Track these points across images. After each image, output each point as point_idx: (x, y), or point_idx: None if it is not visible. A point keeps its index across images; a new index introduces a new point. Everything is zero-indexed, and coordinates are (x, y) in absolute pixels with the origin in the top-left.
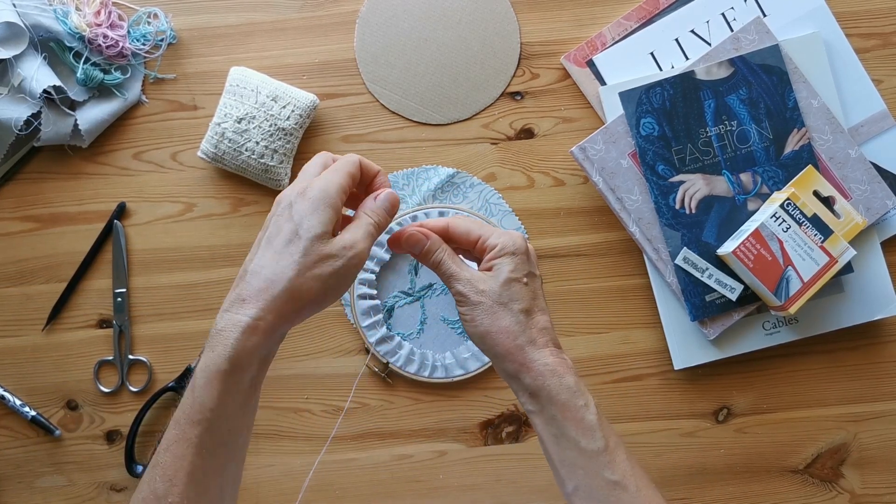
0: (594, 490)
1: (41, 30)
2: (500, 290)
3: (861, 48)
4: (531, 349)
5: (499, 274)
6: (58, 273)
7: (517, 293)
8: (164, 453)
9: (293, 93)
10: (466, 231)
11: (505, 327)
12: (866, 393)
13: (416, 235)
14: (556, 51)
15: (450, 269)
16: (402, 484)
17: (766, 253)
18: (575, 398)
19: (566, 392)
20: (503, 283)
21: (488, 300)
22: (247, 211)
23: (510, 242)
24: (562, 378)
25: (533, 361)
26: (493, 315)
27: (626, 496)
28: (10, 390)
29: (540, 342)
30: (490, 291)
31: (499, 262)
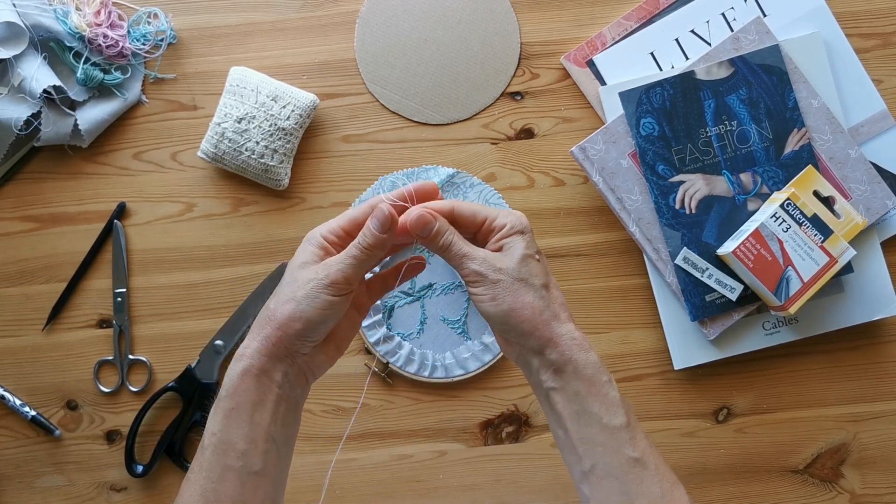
0: (613, 467)
1: (41, 30)
2: (518, 266)
3: (861, 48)
4: (556, 324)
5: (514, 251)
6: (58, 273)
7: (534, 269)
8: None
9: (293, 93)
10: (472, 213)
11: (529, 303)
12: (866, 393)
13: (425, 216)
14: (556, 51)
15: (462, 250)
16: (402, 484)
17: (766, 253)
18: (599, 374)
19: (592, 367)
20: (520, 260)
21: (508, 277)
22: (247, 211)
23: (518, 221)
24: (587, 353)
25: (560, 336)
26: (514, 292)
27: (646, 474)
28: (10, 390)
29: (563, 316)
30: (508, 269)
31: (510, 241)
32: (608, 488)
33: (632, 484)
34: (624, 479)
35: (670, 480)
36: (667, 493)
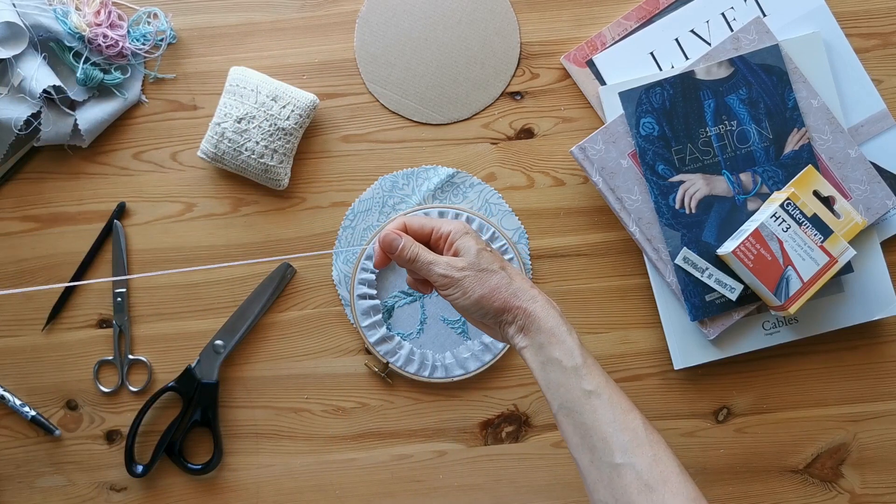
0: (572, 402)
1: (41, 30)
2: (476, 260)
3: (861, 48)
4: (522, 293)
5: (468, 250)
6: (58, 273)
7: (488, 258)
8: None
9: (293, 93)
10: (420, 226)
11: (495, 284)
12: (866, 393)
13: (391, 235)
14: (556, 51)
15: (427, 258)
16: (402, 484)
17: (765, 253)
18: (559, 326)
19: (552, 320)
20: (476, 254)
21: (471, 271)
22: (247, 211)
23: (460, 226)
24: (548, 310)
25: (525, 302)
26: (480, 281)
27: (600, 402)
28: (10, 390)
29: (524, 286)
30: (469, 265)
31: (460, 242)
32: (569, 422)
33: (587, 415)
34: (581, 411)
35: (623, 407)
36: (618, 418)
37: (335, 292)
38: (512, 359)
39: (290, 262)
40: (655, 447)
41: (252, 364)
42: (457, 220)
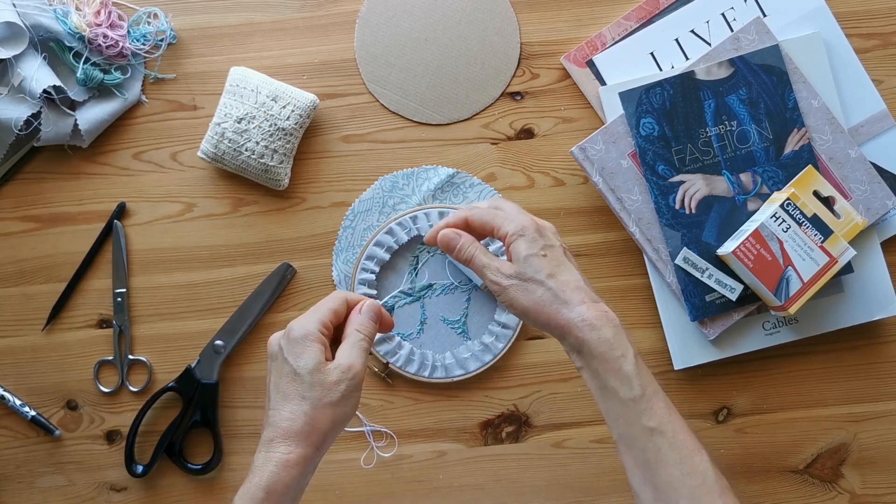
0: (634, 438)
1: (41, 30)
2: (522, 268)
3: (861, 48)
4: (566, 310)
5: (518, 256)
6: (58, 273)
7: (537, 265)
8: None
9: (293, 93)
10: (482, 224)
11: (538, 298)
12: (866, 393)
13: (449, 234)
14: (556, 51)
15: (481, 261)
16: (402, 484)
17: (766, 253)
18: (612, 350)
19: (604, 345)
20: (523, 262)
21: (517, 280)
22: (247, 211)
23: (518, 226)
24: (599, 331)
25: (571, 321)
26: (524, 292)
27: (664, 441)
28: (10, 390)
29: (574, 300)
30: (516, 273)
31: (514, 246)
32: (632, 458)
33: (650, 453)
34: (644, 448)
35: (689, 447)
36: (685, 460)
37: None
38: (512, 359)
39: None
40: (725, 496)
41: (252, 364)
42: (522, 216)
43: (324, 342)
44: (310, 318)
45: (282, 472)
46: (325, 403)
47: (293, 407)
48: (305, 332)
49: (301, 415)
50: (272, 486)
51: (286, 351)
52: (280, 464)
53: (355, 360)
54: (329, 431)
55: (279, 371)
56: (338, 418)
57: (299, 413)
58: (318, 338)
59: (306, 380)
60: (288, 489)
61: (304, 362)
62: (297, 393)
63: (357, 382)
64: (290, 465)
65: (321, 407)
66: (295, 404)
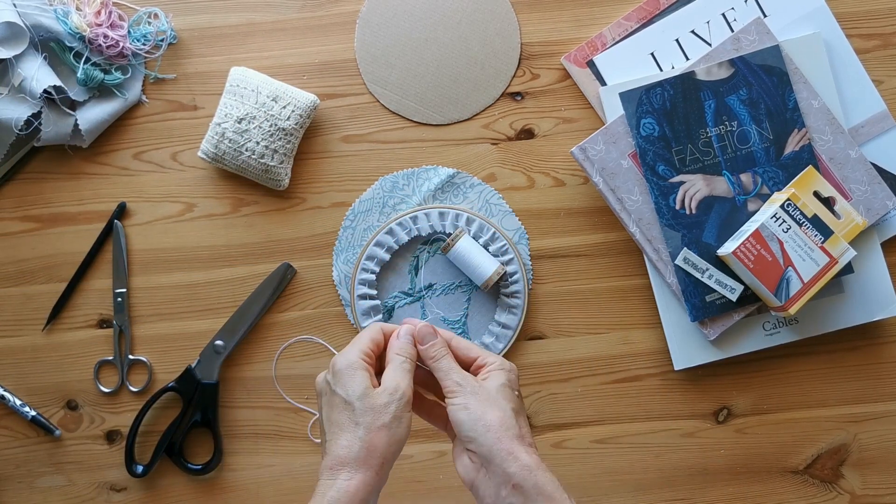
0: None
1: (41, 30)
2: (495, 389)
3: (861, 49)
4: (519, 442)
5: (495, 379)
6: (58, 273)
7: (509, 396)
8: None
9: (293, 93)
10: (467, 348)
11: (499, 417)
12: (866, 393)
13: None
14: (557, 51)
15: (450, 365)
16: (402, 484)
17: (766, 253)
18: (560, 491)
19: (552, 485)
20: (498, 387)
21: (484, 393)
22: (247, 211)
23: (504, 364)
24: (546, 473)
25: (520, 452)
26: (486, 404)
27: None
28: (10, 390)
29: (527, 440)
30: (487, 388)
31: (495, 375)
32: None
33: None
34: None
35: None
36: None
37: (335, 293)
38: (512, 359)
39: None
40: None
41: (252, 364)
42: (506, 360)
43: (368, 369)
44: (351, 351)
45: (343, 499)
46: (378, 426)
47: (348, 435)
48: (349, 363)
49: (357, 440)
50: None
51: (333, 384)
52: (341, 490)
53: (400, 381)
54: (387, 454)
55: (330, 404)
56: (393, 440)
57: (354, 439)
58: (361, 365)
59: (357, 406)
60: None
61: (352, 390)
62: (350, 420)
63: (405, 402)
64: (352, 491)
65: (375, 430)
66: (350, 432)
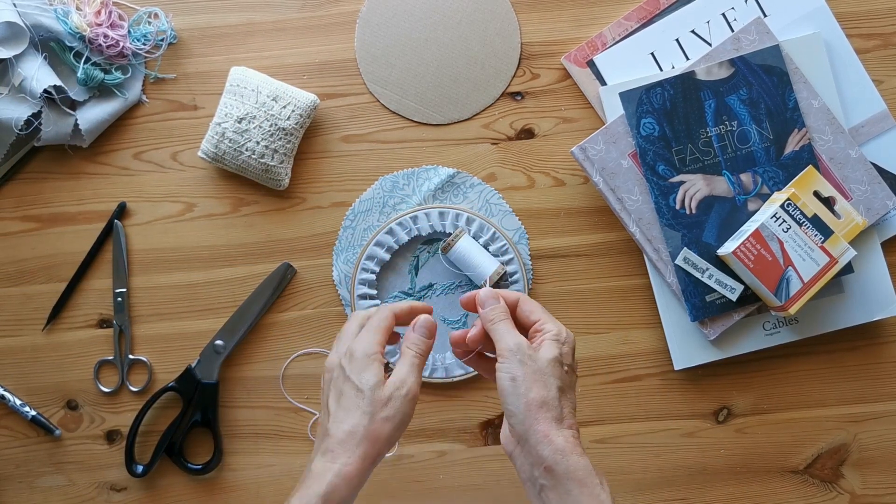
0: None
1: (41, 30)
2: (546, 363)
3: (861, 49)
4: (556, 424)
5: (548, 351)
6: (58, 273)
7: (558, 372)
8: None
9: (293, 93)
10: (530, 311)
11: (541, 395)
12: (866, 393)
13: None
14: (557, 51)
15: (506, 328)
16: (402, 484)
17: (766, 253)
18: (591, 476)
19: (583, 470)
20: (550, 360)
21: (533, 365)
22: (247, 211)
23: (563, 333)
24: (581, 457)
25: (556, 436)
26: (532, 381)
27: None
28: (10, 390)
29: (566, 422)
30: (537, 359)
31: (549, 345)
32: None
33: None
34: None
35: None
36: None
37: (335, 292)
38: None
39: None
40: None
41: (252, 364)
42: (564, 327)
43: (383, 361)
44: (371, 340)
45: (340, 483)
46: (381, 419)
47: (354, 421)
48: (367, 353)
49: (361, 428)
50: (329, 495)
51: (349, 370)
52: (339, 475)
53: (407, 377)
54: (383, 447)
55: (339, 387)
56: (392, 434)
57: (360, 427)
58: (378, 357)
59: (367, 396)
60: (342, 501)
61: (366, 379)
62: (358, 408)
63: (409, 398)
64: (348, 477)
65: (378, 422)
66: (356, 419)
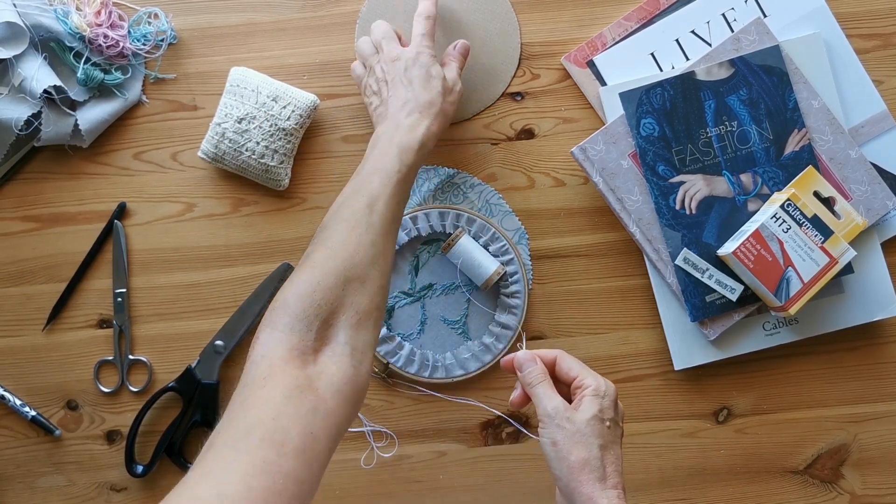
0: None
1: (41, 30)
2: (585, 423)
3: (861, 49)
4: (600, 486)
5: (587, 410)
6: (58, 273)
7: (599, 430)
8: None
9: (293, 93)
10: (569, 368)
11: (582, 457)
12: (866, 394)
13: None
14: (557, 51)
15: (546, 391)
16: (402, 484)
17: (766, 254)
18: None
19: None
20: (589, 419)
21: (572, 427)
22: (247, 211)
23: (602, 386)
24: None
25: (600, 497)
26: (573, 443)
27: None
28: (10, 390)
29: (610, 482)
30: (576, 421)
31: (588, 401)
32: None
33: None
34: None
35: None
36: None
37: None
38: None
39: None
40: None
41: None
42: (608, 381)
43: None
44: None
45: (429, 139)
46: (448, 101)
47: (432, 97)
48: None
49: (438, 102)
50: (425, 145)
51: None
52: (429, 130)
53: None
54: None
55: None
56: (452, 115)
57: (437, 101)
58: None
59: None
60: (425, 157)
61: (437, 70)
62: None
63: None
64: (435, 135)
65: (447, 104)
66: (432, 96)
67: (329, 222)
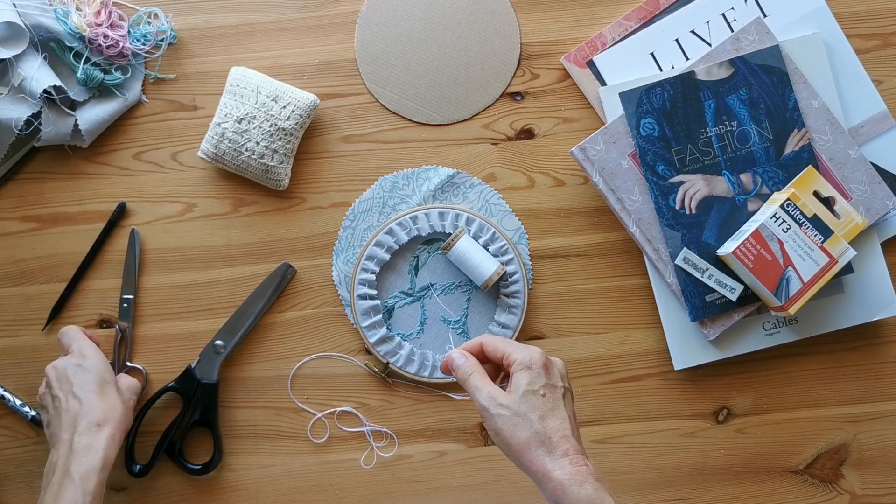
0: None
1: (41, 30)
2: (518, 402)
3: (861, 49)
4: (549, 459)
5: (517, 388)
6: (58, 273)
7: (534, 404)
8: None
9: (293, 93)
10: (494, 349)
11: (524, 438)
12: (866, 393)
13: (453, 355)
14: (557, 51)
15: (475, 383)
16: (402, 484)
17: (766, 253)
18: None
19: (586, 500)
20: (521, 396)
21: (507, 412)
22: (247, 211)
23: (527, 357)
24: (580, 487)
25: (551, 472)
26: (512, 426)
27: None
28: (10, 390)
29: (559, 450)
30: (509, 404)
31: (516, 376)
32: None
33: None
34: None
35: None
36: None
37: (335, 292)
38: None
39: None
40: None
41: (252, 364)
42: (532, 349)
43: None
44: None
45: (111, 449)
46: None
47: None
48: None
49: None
50: (107, 458)
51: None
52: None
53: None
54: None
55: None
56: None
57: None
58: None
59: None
60: (110, 464)
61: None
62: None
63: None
64: (116, 442)
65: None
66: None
67: None
